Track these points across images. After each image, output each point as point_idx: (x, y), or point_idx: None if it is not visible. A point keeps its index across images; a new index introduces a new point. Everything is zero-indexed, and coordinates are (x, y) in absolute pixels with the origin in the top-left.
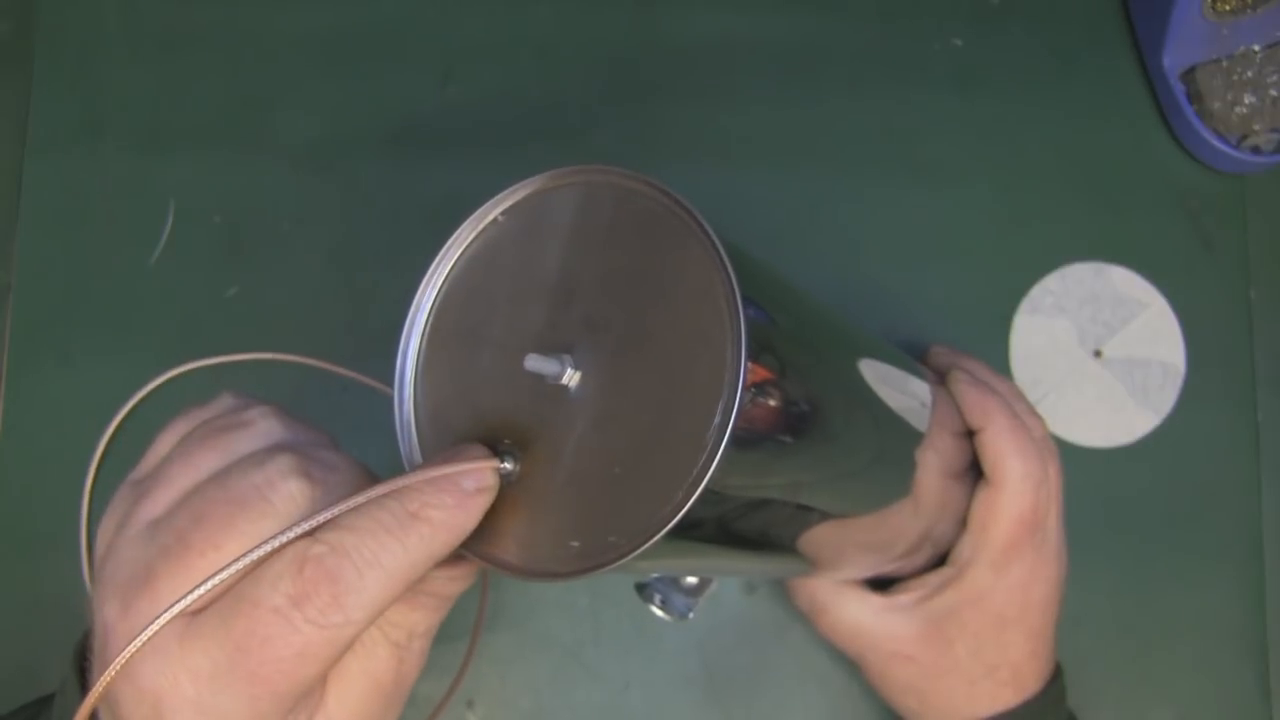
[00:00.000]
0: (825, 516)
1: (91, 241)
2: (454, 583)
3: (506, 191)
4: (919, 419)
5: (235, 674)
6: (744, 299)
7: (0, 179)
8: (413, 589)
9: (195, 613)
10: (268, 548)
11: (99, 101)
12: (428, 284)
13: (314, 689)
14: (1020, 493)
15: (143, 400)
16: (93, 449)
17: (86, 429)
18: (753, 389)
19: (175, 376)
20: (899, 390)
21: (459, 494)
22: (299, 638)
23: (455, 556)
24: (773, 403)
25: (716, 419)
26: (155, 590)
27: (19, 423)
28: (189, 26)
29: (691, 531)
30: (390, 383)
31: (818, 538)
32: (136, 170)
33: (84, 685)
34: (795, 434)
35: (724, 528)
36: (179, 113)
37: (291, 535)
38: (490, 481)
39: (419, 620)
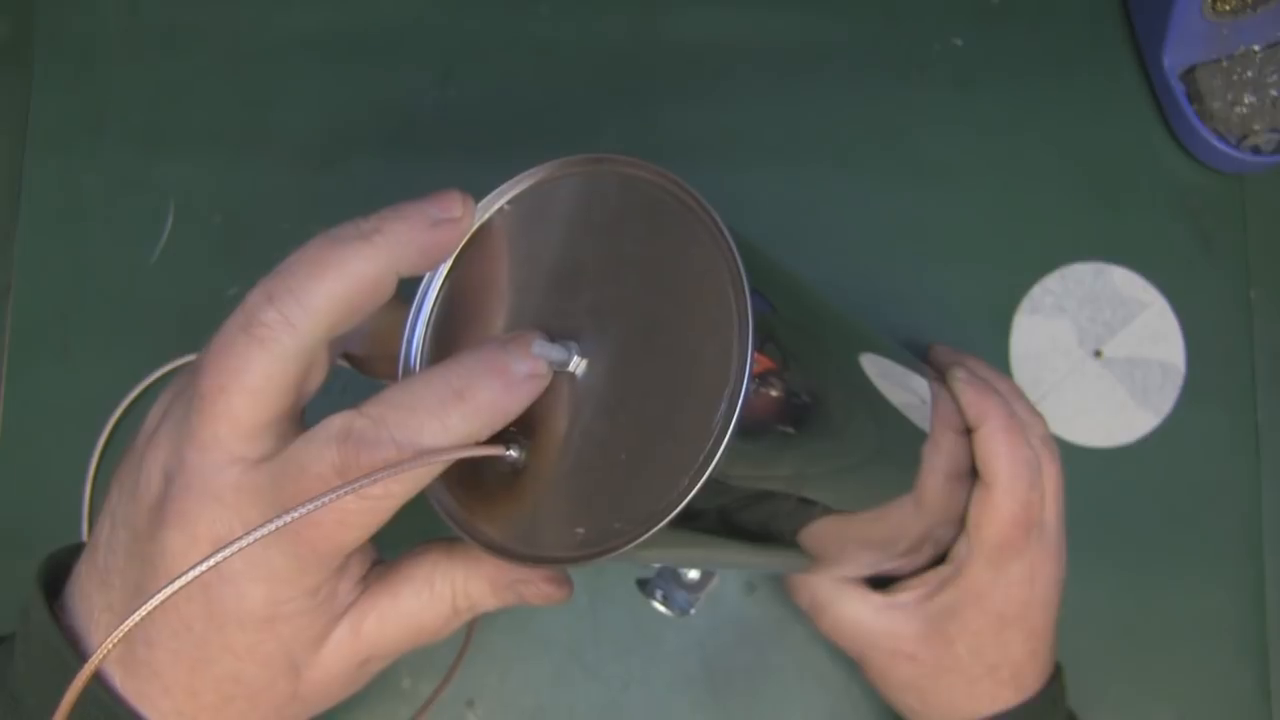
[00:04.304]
0: (827, 511)
1: (91, 241)
2: (540, 597)
3: (513, 180)
4: (920, 416)
5: (280, 532)
6: (751, 289)
7: (0, 179)
8: (506, 581)
9: (255, 463)
10: (263, 531)
11: (99, 101)
12: (434, 273)
13: (356, 557)
14: (1010, 492)
15: (141, 395)
16: (92, 448)
17: (87, 428)
18: (759, 379)
19: (173, 370)
20: (900, 386)
21: (508, 377)
22: (339, 506)
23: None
24: (778, 393)
25: (722, 408)
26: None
27: (19, 422)
28: (189, 26)
29: (696, 521)
30: (395, 375)
31: (820, 532)
32: (136, 170)
33: (50, 606)
34: (800, 425)
35: (728, 518)
36: (179, 113)
37: (288, 519)
38: (543, 370)
39: (488, 601)
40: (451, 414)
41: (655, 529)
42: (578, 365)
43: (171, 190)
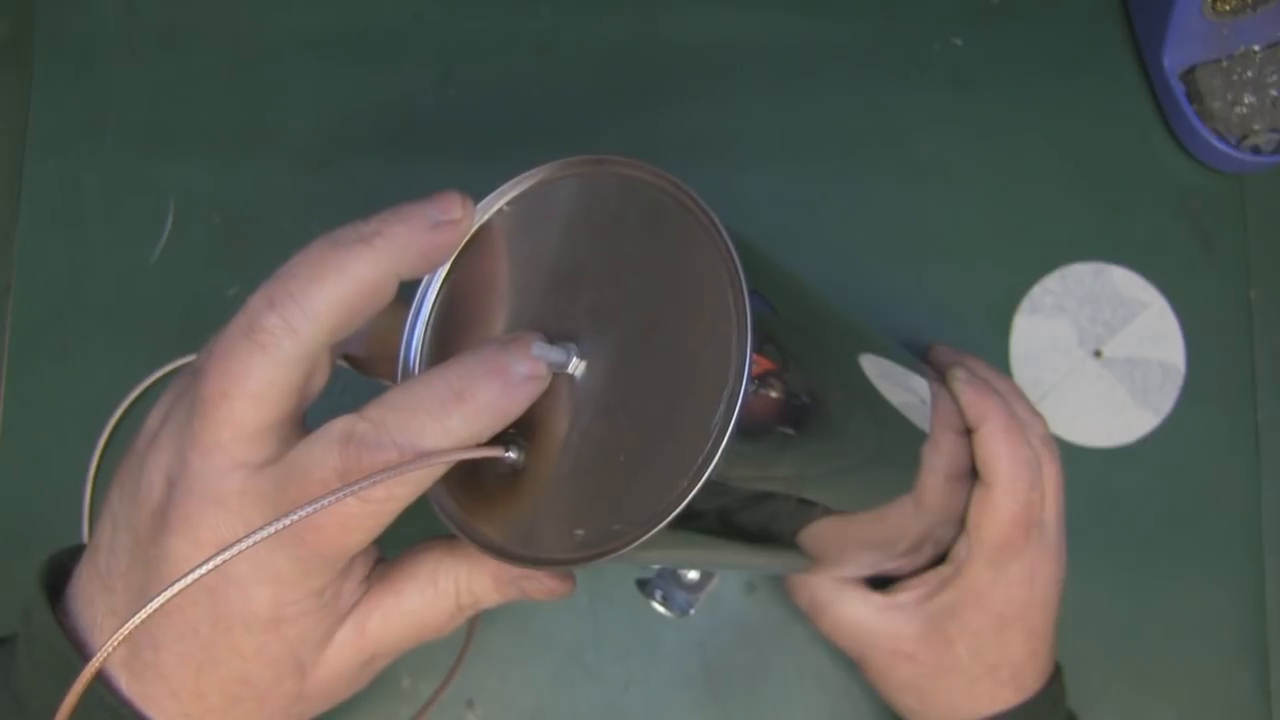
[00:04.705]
0: (827, 511)
1: (91, 241)
2: (543, 591)
3: (513, 180)
4: (920, 416)
5: (284, 536)
6: (750, 290)
7: (0, 179)
8: (509, 577)
9: (258, 467)
10: (259, 536)
11: (99, 101)
12: (433, 274)
13: (359, 556)
14: (1011, 492)
15: (141, 396)
16: (92, 448)
17: (87, 429)
18: (758, 380)
19: (173, 370)
20: (900, 386)
21: (507, 378)
22: (342, 510)
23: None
24: (777, 394)
25: (721, 409)
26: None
27: (19, 422)
28: (189, 26)
29: (696, 522)
30: (394, 377)
31: (820, 533)
32: (136, 170)
33: (53, 606)
34: (799, 426)
35: (728, 519)
36: (179, 113)
37: (286, 521)
38: (542, 371)
39: (491, 597)
40: (452, 416)
41: (655, 530)
42: (577, 367)
43: (171, 190)
